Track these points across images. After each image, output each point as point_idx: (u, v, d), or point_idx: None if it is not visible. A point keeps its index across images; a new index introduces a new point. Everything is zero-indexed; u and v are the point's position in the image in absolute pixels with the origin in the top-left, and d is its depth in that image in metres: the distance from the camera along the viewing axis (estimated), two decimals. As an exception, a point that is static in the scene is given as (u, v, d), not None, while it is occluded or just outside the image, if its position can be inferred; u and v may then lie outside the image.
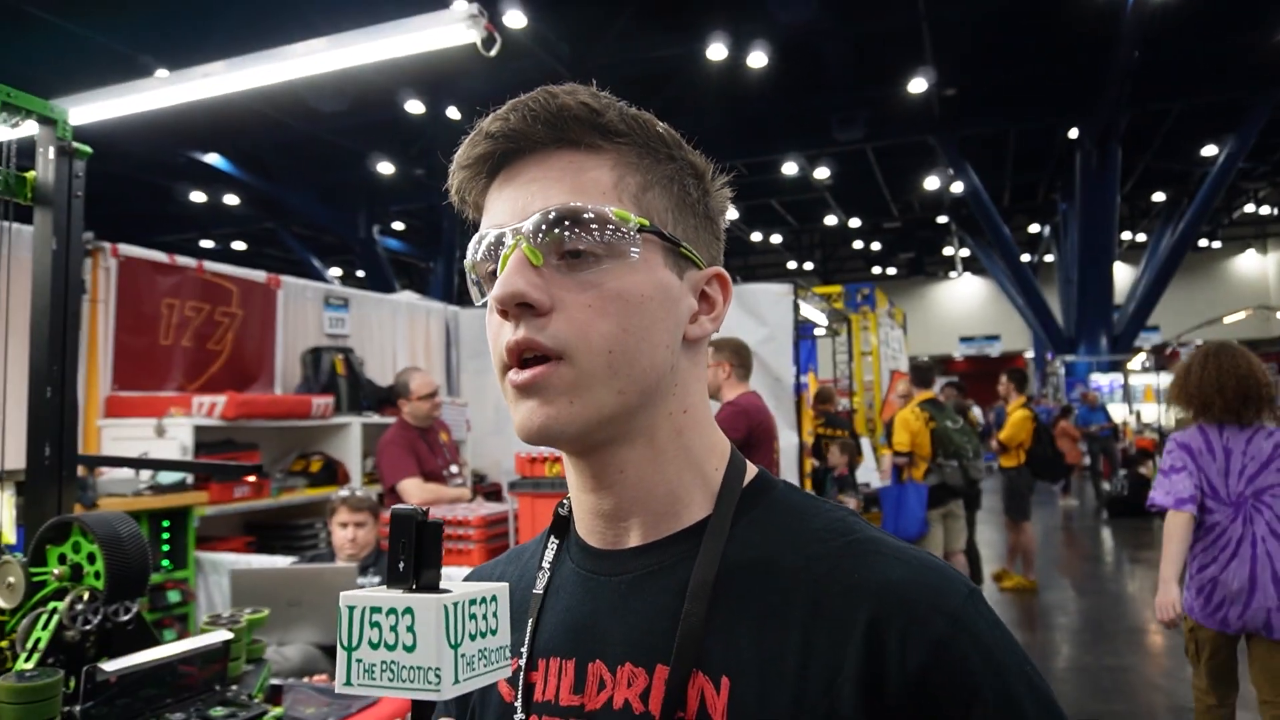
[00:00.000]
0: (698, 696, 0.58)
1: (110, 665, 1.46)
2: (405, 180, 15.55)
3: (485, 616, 0.54)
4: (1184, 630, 3.01)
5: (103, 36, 9.43)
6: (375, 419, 5.14)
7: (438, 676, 0.50)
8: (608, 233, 0.61)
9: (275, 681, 2.04)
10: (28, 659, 1.49)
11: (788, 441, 5.47)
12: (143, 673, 1.50)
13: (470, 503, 4.15)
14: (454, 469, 4.26)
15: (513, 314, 0.61)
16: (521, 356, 0.61)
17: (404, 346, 6.16)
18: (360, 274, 21.51)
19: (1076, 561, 8.99)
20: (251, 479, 4.09)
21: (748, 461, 0.70)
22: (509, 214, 0.63)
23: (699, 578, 0.61)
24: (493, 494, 5.34)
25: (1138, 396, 15.75)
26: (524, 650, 0.67)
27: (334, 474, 4.85)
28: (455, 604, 0.52)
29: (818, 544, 0.62)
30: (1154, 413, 14.31)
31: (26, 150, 1.78)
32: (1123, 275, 20.87)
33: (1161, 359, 14.41)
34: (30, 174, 1.76)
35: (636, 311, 0.61)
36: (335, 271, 23.18)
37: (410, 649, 0.51)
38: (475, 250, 0.65)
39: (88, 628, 1.53)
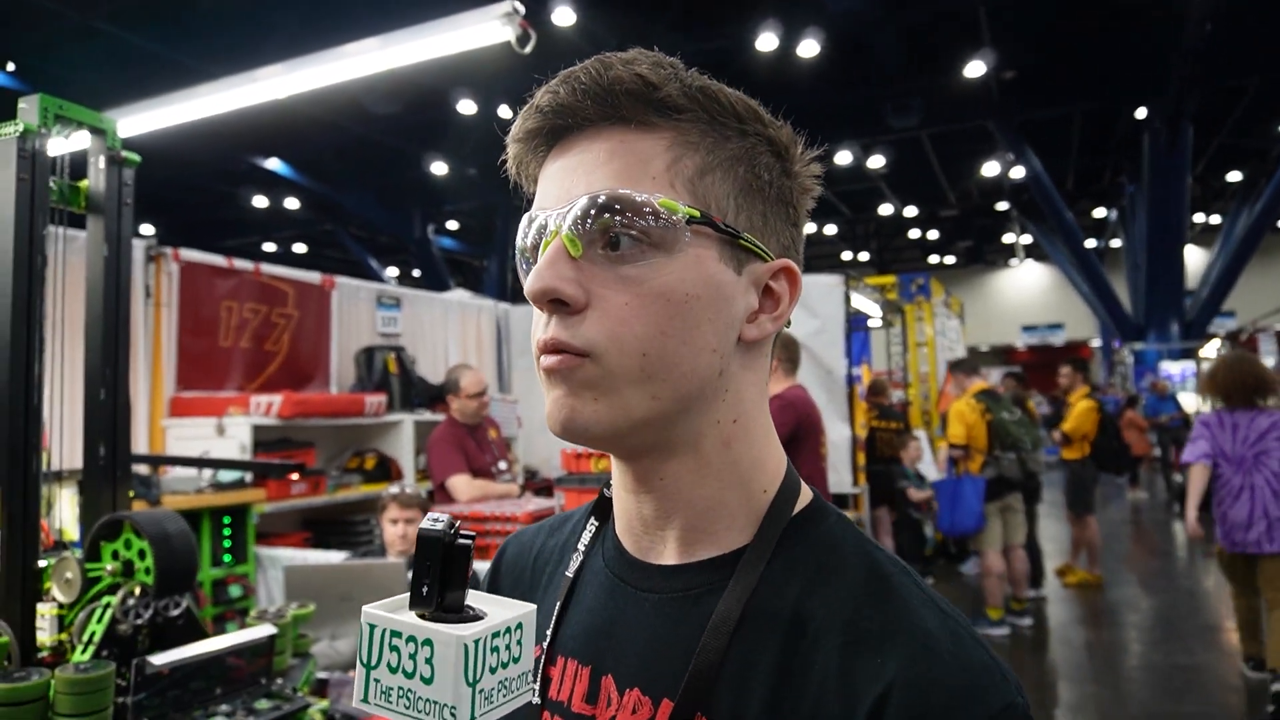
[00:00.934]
0: None
1: (160, 658, 1.51)
2: (459, 180, 15.75)
3: (509, 646, 0.52)
4: (1219, 560, 4.45)
5: (164, 47, 9.76)
6: (427, 416, 5.23)
7: (453, 715, 0.48)
8: (654, 223, 0.55)
9: (323, 675, 2.08)
10: (83, 651, 1.55)
11: (839, 434, 5.41)
12: (192, 666, 1.55)
13: (519, 498, 4.19)
14: (502, 465, 4.29)
15: (546, 309, 0.58)
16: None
17: (455, 344, 6.24)
18: (416, 273, 21.91)
19: (1144, 556, 8.69)
20: (295, 476, 4.18)
21: (803, 484, 0.65)
22: (553, 197, 0.59)
23: (720, 616, 0.57)
24: (544, 490, 5.37)
25: (1212, 385, 15.09)
26: (548, 633, 0.66)
27: (387, 471, 4.95)
28: (477, 640, 0.49)
29: (854, 602, 0.56)
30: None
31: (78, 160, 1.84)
32: (1195, 259, 20.02)
33: (1238, 346, 13.83)
34: (83, 183, 1.82)
35: (679, 312, 0.56)
36: (392, 271, 23.60)
37: (428, 681, 0.49)
38: (525, 233, 0.61)
39: (139, 622, 1.59)
